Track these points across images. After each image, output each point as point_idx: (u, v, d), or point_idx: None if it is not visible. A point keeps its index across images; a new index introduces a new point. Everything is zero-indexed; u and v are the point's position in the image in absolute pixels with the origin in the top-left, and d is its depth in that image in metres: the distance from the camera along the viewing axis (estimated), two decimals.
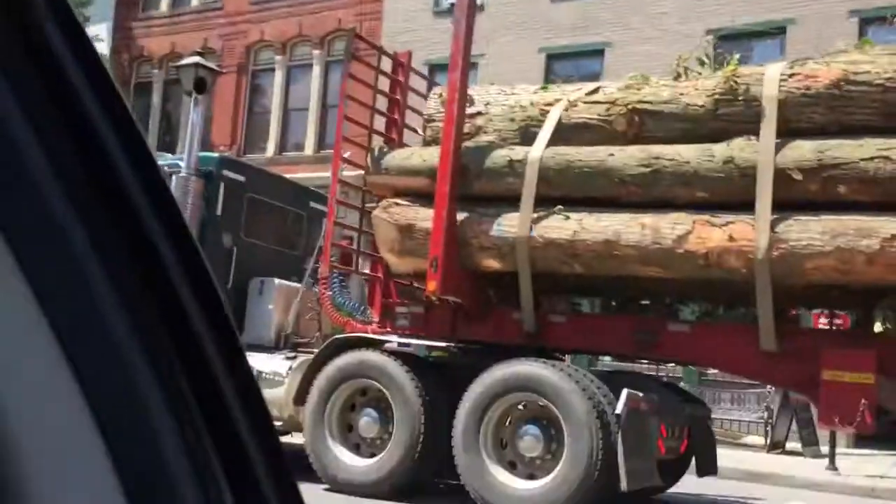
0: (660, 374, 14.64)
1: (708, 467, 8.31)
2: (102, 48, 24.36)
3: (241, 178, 9.47)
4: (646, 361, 11.73)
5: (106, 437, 0.53)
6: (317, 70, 21.98)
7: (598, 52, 18.28)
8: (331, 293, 8.60)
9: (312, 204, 10.11)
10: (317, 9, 22.14)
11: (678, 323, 7.26)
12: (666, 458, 7.32)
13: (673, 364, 12.73)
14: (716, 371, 13.42)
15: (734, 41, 15.77)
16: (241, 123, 23.12)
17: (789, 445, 13.65)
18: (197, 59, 17.71)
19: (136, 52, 25.24)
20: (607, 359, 11.63)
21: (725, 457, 12.12)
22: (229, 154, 12.78)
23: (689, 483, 9.08)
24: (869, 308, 6.54)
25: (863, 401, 5.99)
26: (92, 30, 22.44)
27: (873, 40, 6.88)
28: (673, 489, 8.73)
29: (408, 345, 7.58)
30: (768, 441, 13.40)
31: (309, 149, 21.90)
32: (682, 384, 15.12)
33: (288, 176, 13.66)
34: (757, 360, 6.68)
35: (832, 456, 11.31)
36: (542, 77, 17.99)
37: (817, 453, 12.59)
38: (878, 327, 6.21)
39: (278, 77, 22.74)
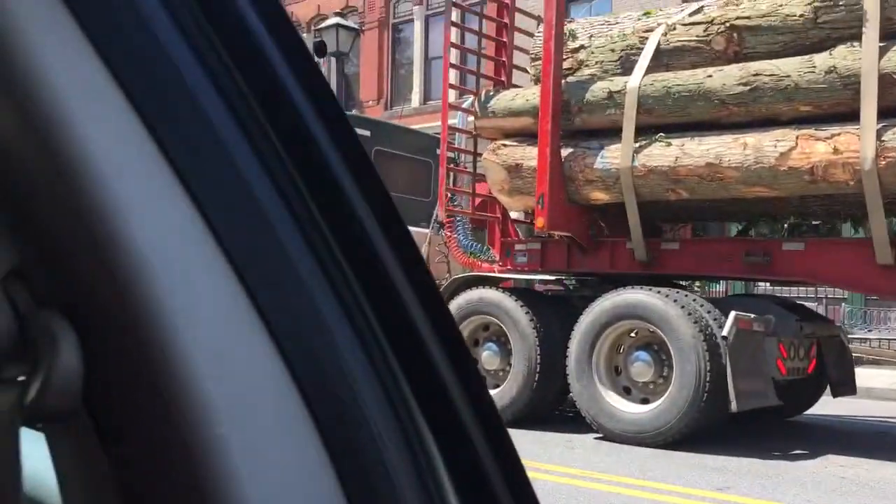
0: (819, 296, 14.11)
1: (843, 387, 8.12)
2: None
3: (367, 133, 10.01)
4: (802, 286, 11.42)
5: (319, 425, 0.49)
6: (454, 15, 22.18)
7: None
8: (456, 236, 9.04)
9: (438, 151, 10.50)
10: None
11: (792, 242, 7.09)
12: (789, 378, 7.25)
13: (832, 288, 12.25)
14: None
15: None
16: (386, 77, 23.83)
17: None
18: (337, 20, 18.48)
19: None
20: (766, 285, 11.34)
21: (881, 377, 11.68)
22: (356, 111, 13.39)
23: (836, 405, 8.91)
24: None
25: None
26: None
27: None
28: (815, 410, 8.60)
29: (521, 280, 7.87)
30: None
31: (452, 95, 22.27)
32: (843, 305, 14.54)
33: (435, 123, 14.09)
34: (875, 275, 6.46)
35: None
36: None
37: None
38: None
39: (417, 27, 23.17)
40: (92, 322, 0.48)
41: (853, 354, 13.57)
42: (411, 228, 5.47)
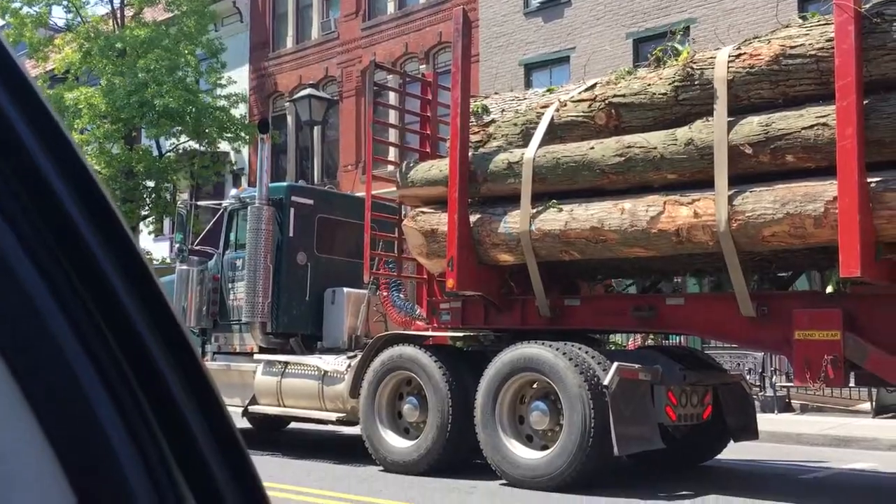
0: None
1: (743, 432, 8.60)
2: (243, 90, 26.75)
3: (310, 202, 10.68)
4: None
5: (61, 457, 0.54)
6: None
7: (683, 30, 18.23)
8: (391, 297, 9.68)
9: (379, 214, 11.16)
10: (419, 26, 23.37)
11: (674, 297, 7.70)
12: (681, 424, 7.78)
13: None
14: None
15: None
16: (363, 142, 24.70)
17: None
18: (309, 91, 19.33)
19: (270, 89, 27.54)
20: None
21: (817, 423, 12.14)
22: (301, 182, 14.16)
23: (761, 450, 9.41)
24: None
25: (825, 356, 6.26)
26: (231, 74, 24.81)
27: None
28: (734, 455, 9.08)
29: (434, 337, 8.47)
30: (873, 406, 13.09)
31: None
32: None
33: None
34: (741, 327, 7.05)
35: None
36: (631, 63, 18.21)
37: None
38: (829, 289, 6.42)
39: (391, 96, 24.12)
40: None
41: (795, 401, 14.01)
42: (351, 290, 6.45)
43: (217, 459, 0.65)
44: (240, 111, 24.99)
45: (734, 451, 9.08)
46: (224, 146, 24.59)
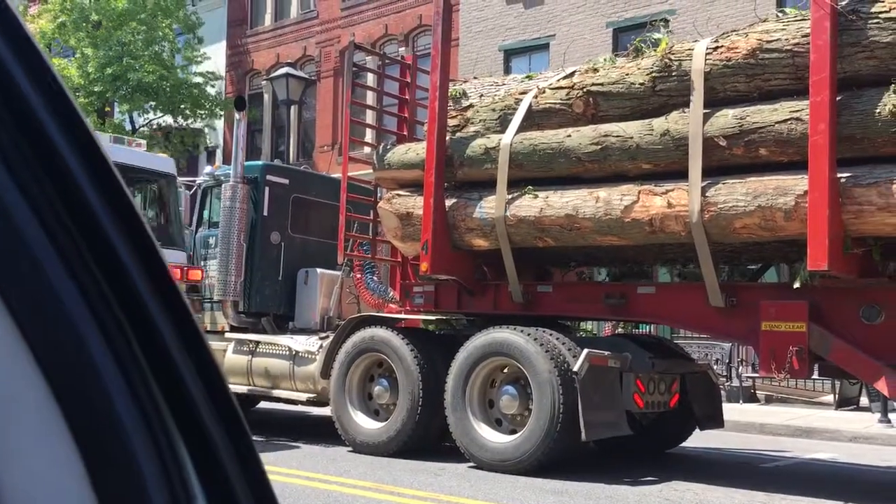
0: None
1: (709, 421, 8.73)
2: (219, 67, 26.48)
3: (285, 181, 10.63)
4: None
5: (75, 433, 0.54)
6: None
7: (663, 21, 18.29)
8: (365, 279, 9.68)
9: (355, 196, 11.12)
10: (399, 8, 23.25)
11: (645, 286, 7.78)
12: (648, 411, 7.89)
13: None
14: None
15: None
16: (339, 123, 24.58)
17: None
18: (287, 70, 19.14)
19: (247, 66, 27.30)
20: None
21: (781, 414, 12.35)
22: (277, 161, 14.08)
23: (726, 439, 9.56)
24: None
25: (791, 347, 6.37)
26: (207, 50, 24.52)
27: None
28: (699, 443, 9.23)
29: (407, 320, 8.50)
30: (836, 398, 13.35)
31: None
32: None
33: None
34: (710, 317, 7.15)
35: (885, 409, 11.28)
36: (611, 52, 18.25)
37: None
38: (796, 284, 6.52)
39: (370, 77, 24.01)
40: None
41: (759, 391, 14.23)
42: (325, 271, 6.43)
43: (212, 414, 0.67)
44: (216, 89, 24.74)
45: (699, 439, 9.24)
46: (197, 123, 24.33)
